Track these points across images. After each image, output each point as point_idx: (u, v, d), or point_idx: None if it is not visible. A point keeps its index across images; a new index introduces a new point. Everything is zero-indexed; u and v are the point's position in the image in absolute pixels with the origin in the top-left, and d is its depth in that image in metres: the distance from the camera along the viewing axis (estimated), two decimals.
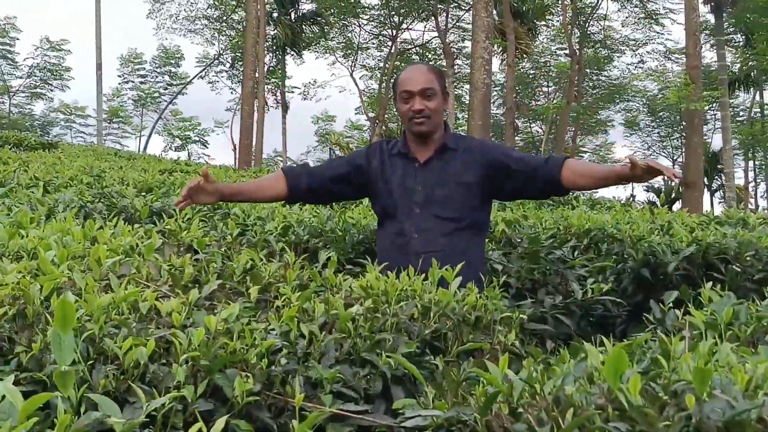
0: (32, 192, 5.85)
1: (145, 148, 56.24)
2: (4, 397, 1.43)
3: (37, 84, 62.31)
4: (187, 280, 2.89)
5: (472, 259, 3.82)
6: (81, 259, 2.96)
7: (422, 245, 3.92)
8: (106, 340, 2.04)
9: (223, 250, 3.84)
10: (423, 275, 3.04)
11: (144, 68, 63.68)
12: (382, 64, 49.42)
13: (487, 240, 4.46)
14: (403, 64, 48.38)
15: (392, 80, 4.50)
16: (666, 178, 3.85)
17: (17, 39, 60.06)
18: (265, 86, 40.94)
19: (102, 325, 2.12)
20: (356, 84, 51.78)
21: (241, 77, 34.72)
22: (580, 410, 1.63)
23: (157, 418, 1.81)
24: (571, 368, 1.94)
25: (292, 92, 54.13)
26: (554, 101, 48.90)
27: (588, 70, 48.92)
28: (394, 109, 44.89)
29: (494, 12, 27.77)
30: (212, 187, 4.04)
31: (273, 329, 2.35)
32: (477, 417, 1.79)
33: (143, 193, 6.92)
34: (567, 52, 43.36)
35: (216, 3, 49.43)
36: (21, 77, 61.67)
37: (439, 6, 41.14)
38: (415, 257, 3.61)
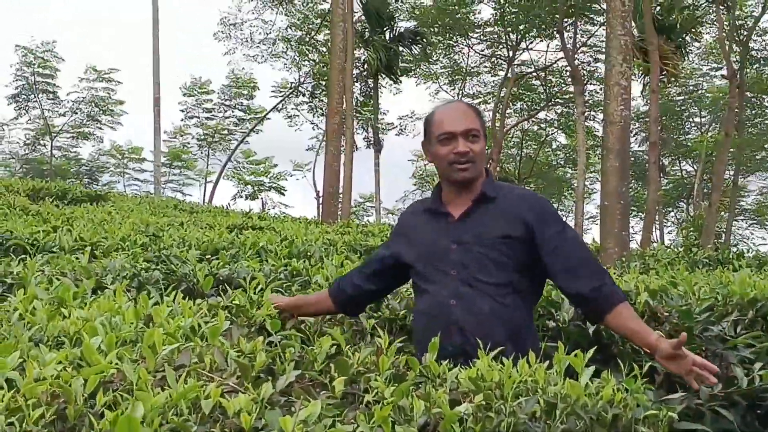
0: (77, 258, 5.96)
1: (212, 197, 57.00)
2: None
3: (84, 122, 63.23)
4: (258, 370, 2.91)
5: (519, 330, 3.88)
6: (133, 345, 3.00)
7: (461, 314, 3.92)
8: None
9: (302, 330, 3.88)
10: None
11: (211, 100, 64.31)
12: (496, 91, 49.43)
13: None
14: (521, 91, 48.41)
15: (424, 120, 4.42)
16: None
17: (58, 70, 60.88)
18: (354, 121, 41.30)
19: (157, 429, 2.14)
20: None
21: (325, 110, 35.10)
22: None
23: None
24: None
25: (387, 128, 54.37)
26: (709, 134, 48.17)
27: (750, 95, 47.94)
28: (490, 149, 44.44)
29: (633, 27, 27.48)
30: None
31: None
32: None
33: (208, 257, 7.02)
34: (724, 73, 42.34)
35: (297, 22, 50.24)
36: (64, 114, 62.55)
37: (565, 21, 40.91)
38: (455, 328, 3.74)
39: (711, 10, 41.53)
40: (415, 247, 4.19)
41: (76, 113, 62.20)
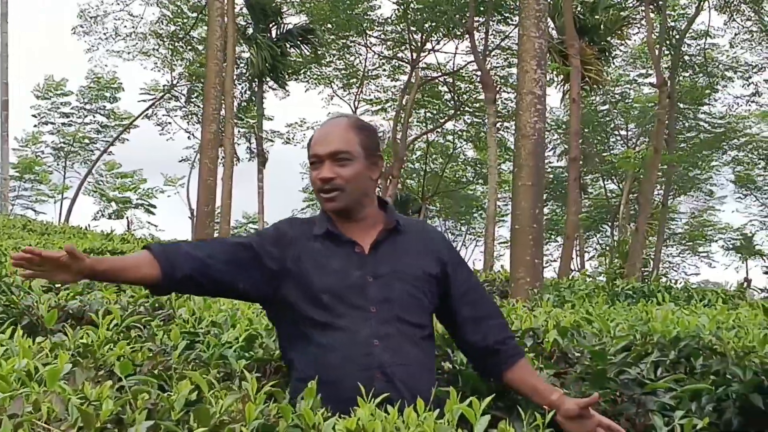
0: None
1: (68, 216, 56.23)
2: None
3: None
4: (105, 420, 2.88)
5: (433, 376, 3.97)
6: None
7: (388, 358, 3.91)
8: None
9: (159, 372, 3.84)
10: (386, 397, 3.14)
11: (69, 103, 63.51)
12: (397, 98, 49.65)
13: (533, 355, 4.53)
14: (426, 98, 48.67)
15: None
16: None
17: None
18: (235, 129, 41.11)
19: None
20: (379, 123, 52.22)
21: (201, 117, 34.94)
22: None
23: None
24: None
25: (273, 137, 54.30)
26: (637, 149, 48.92)
27: (682, 106, 48.82)
28: (411, 161, 44.89)
29: (552, 28, 27.75)
30: (79, 266, 3.69)
31: None
32: None
33: (57, 286, 6.93)
34: (654, 81, 42.89)
35: (170, 15, 49.98)
36: None
37: (475, 20, 41.23)
38: (379, 373, 3.72)
39: (639, 10, 42.01)
40: (317, 276, 4.05)
41: None
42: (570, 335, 5.01)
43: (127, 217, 63.48)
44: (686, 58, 45.79)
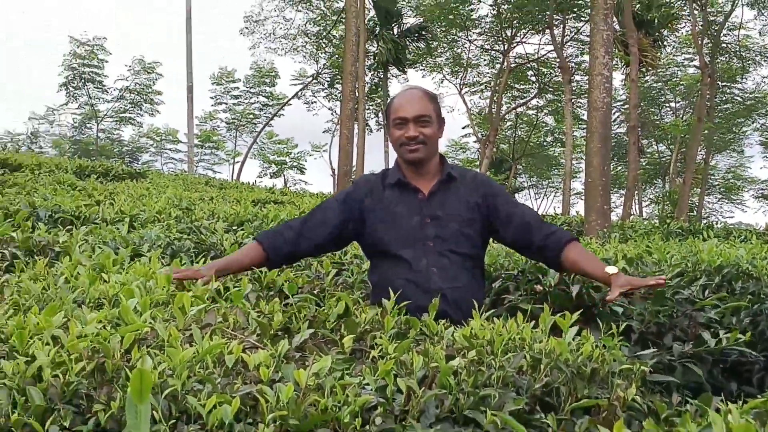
0: (117, 229, 5.97)
1: (239, 175, 56.85)
2: None
3: (127, 108, 63.50)
4: (276, 329, 2.91)
5: (480, 294, 3.95)
6: (165, 307, 3.01)
7: (442, 281, 3.97)
8: (188, 397, 2.07)
9: (316, 293, 3.88)
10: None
11: (238, 88, 64.34)
12: (493, 81, 49.24)
13: None
14: (515, 80, 48.17)
15: (386, 105, 4.43)
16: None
17: (106, 61, 61.15)
18: (366, 107, 41.20)
19: (185, 381, 2.14)
20: (465, 102, 51.96)
21: (340, 97, 35.02)
22: None
23: None
24: None
25: None
26: (683, 118, 48.02)
27: (720, 83, 47.79)
28: (504, 129, 44.48)
29: (615, 23, 27.30)
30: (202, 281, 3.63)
31: (368, 384, 2.35)
32: None
33: (234, 228, 7.02)
34: (697, 63, 42.49)
35: (315, 18, 50.11)
36: (109, 101, 62.84)
37: (555, 17, 40.74)
38: (435, 293, 3.65)
39: (685, 7, 41.33)
40: (387, 219, 4.17)
41: (120, 100, 62.38)
42: (635, 264, 4.95)
43: (283, 176, 64.04)
44: (723, 45, 44.66)
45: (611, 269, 3.74)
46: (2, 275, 3.80)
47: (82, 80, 60.50)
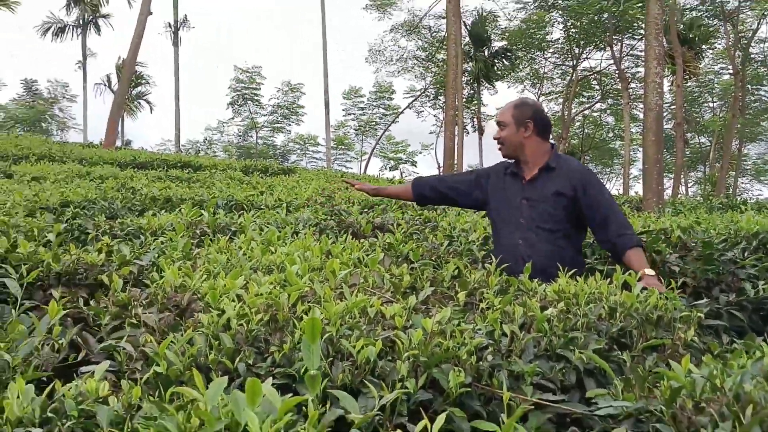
0: (277, 212, 6.07)
1: (365, 169, 57.30)
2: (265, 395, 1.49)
3: (278, 120, 64.63)
4: (405, 287, 2.93)
5: (566, 261, 3.78)
6: (319, 271, 3.05)
7: (527, 251, 3.96)
8: (342, 341, 2.09)
9: (433, 259, 3.88)
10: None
11: (363, 101, 64.65)
12: (564, 90, 48.45)
13: (664, 245, 4.36)
14: (582, 89, 47.38)
15: None
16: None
17: (262, 84, 62.51)
18: (464, 113, 40.97)
19: (338, 328, 2.18)
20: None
21: (444, 106, 34.92)
22: (759, 407, 1.56)
23: (386, 407, 1.84)
24: (748, 366, 1.85)
25: (487, 118, 53.84)
26: (720, 115, 46.64)
27: (750, 87, 46.24)
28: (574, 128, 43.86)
29: (664, 40, 26.66)
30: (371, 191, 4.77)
31: (479, 329, 2.35)
32: (663, 409, 1.75)
33: (365, 210, 7.07)
34: (731, 71, 41.35)
35: (424, 45, 49.99)
36: (265, 115, 64.16)
37: (614, 37, 39.90)
38: (522, 261, 3.71)
39: (720, 27, 40.33)
40: (498, 198, 4.25)
41: (273, 114, 63.48)
42: (688, 232, 4.82)
43: (399, 169, 64.11)
44: (752, 56, 43.22)
45: (648, 271, 3.65)
46: (195, 249, 3.90)
47: (244, 99, 61.90)
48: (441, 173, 38.55)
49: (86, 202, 6.91)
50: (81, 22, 50.14)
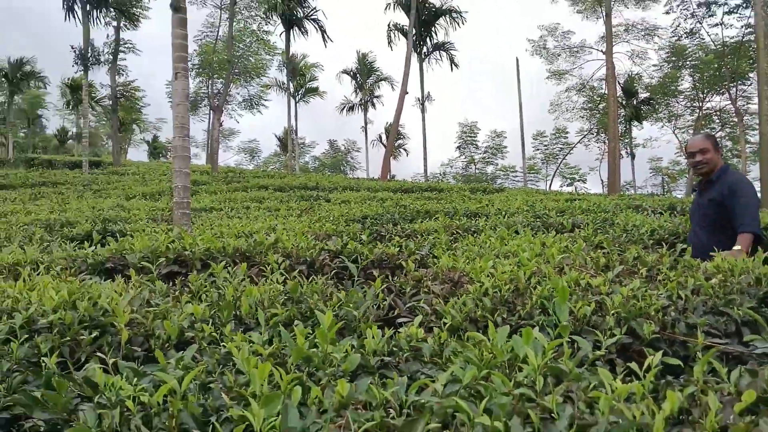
0: (499, 217, 6.04)
1: (550, 187, 55.31)
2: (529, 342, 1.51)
3: (489, 157, 64.28)
4: (601, 266, 2.83)
5: (721, 249, 3.45)
6: (540, 257, 3.02)
7: (695, 239, 3.81)
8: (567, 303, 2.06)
9: (617, 246, 3.71)
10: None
11: (546, 139, 62.51)
12: (692, 124, 44.03)
13: None
14: (703, 123, 42.82)
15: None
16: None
17: (479, 130, 62.50)
18: (620, 144, 38.33)
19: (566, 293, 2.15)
20: (677, 137, 46.81)
21: (606, 140, 32.95)
22: None
23: (601, 346, 1.80)
24: None
25: (636, 147, 50.03)
26: None
27: None
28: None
29: None
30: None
31: (661, 294, 2.23)
32: None
33: (558, 214, 6.86)
34: None
35: (590, 95, 47.47)
36: (479, 154, 64.11)
37: (730, 84, 35.76)
38: (694, 249, 3.66)
39: None
40: (695, 206, 3.96)
41: (485, 152, 63.25)
42: None
43: (574, 186, 61.20)
44: None
45: (736, 247, 3.42)
46: (454, 243, 3.98)
47: (466, 144, 62.13)
48: (606, 190, 36.34)
49: (377, 215, 7.27)
50: (363, 101, 52.69)
